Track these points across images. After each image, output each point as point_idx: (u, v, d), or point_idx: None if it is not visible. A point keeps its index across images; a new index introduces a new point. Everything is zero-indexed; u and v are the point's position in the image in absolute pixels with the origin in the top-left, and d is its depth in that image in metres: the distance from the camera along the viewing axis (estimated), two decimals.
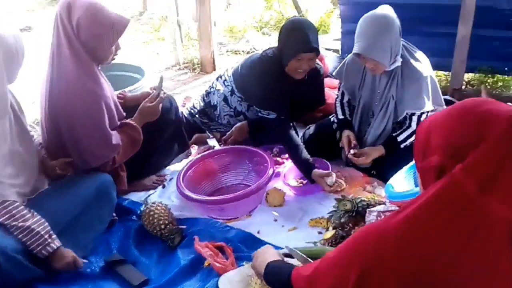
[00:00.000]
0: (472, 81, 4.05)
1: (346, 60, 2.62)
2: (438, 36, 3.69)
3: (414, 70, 2.34)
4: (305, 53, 2.39)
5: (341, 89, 2.70)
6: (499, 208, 0.82)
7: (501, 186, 0.82)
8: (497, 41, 3.61)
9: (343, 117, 2.66)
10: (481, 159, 0.82)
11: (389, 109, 2.43)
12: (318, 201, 2.38)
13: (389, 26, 2.21)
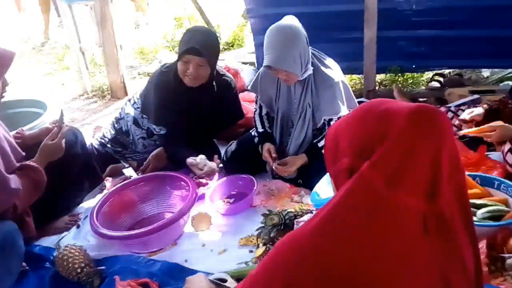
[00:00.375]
0: (385, 81, 4.29)
1: (259, 72, 2.64)
2: (347, 41, 3.86)
3: (326, 77, 2.41)
4: (189, 54, 2.35)
5: (258, 102, 2.72)
6: (409, 200, 0.84)
7: (407, 179, 0.84)
8: (402, 41, 3.86)
9: (263, 130, 2.67)
10: (386, 154, 0.85)
11: (307, 117, 2.48)
12: (247, 219, 2.35)
13: (295, 36, 2.27)
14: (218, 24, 5.89)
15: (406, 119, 0.86)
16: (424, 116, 0.86)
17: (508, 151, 2.33)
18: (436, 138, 0.86)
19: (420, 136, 0.85)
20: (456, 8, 3.53)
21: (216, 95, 2.62)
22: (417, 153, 0.84)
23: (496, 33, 3.46)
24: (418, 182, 0.85)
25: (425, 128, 0.86)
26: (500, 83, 3.98)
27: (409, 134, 0.85)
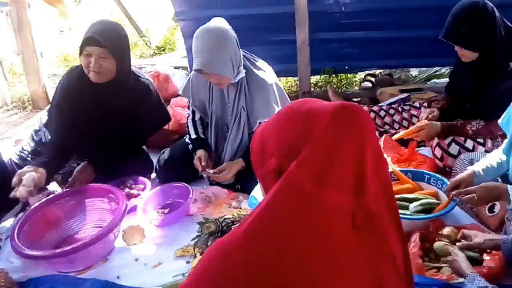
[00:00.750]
0: (320, 83, 4.41)
1: (190, 76, 2.62)
2: (281, 44, 3.94)
3: (259, 79, 2.43)
4: (89, 45, 2.23)
5: (190, 107, 2.69)
6: (337, 198, 0.86)
7: (334, 177, 0.87)
8: (334, 43, 3.98)
9: (196, 136, 2.64)
10: (312, 153, 0.87)
11: (242, 121, 2.49)
12: (183, 228, 2.30)
13: (225, 38, 2.26)
14: (147, 29, 5.79)
15: (329, 118, 0.88)
16: (346, 114, 0.89)
17: (436, 145, 2.48)
18: (358, 135, 0.89)
19: (343, 133, 0.88)
20: (383, 10, 3.71)
21: (133, 98, 2.50)
22: (341, 151, 0.87)
23: (422, 34, 3.65)
24: (344, 179, 0.87)
25: (347, 126, 0.88)
26: (427, 81, 4.24)
27: (333, 132, 0.87)
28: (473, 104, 2.51)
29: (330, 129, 0.87)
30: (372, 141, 0.92)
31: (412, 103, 3.26)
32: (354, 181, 0.88)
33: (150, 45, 5.75)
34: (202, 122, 2.70)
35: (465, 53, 2.38)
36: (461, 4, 2.35)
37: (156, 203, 2.50)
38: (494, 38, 2.29)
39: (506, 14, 2.45)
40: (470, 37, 2.32)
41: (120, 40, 2.37)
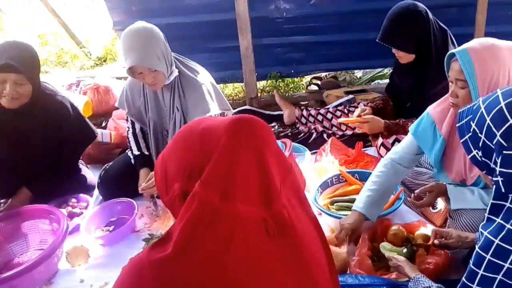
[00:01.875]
0: (267, 87, 4.42)
1: (124, 87, 2.57)
2: (225, 50, 3.91)
3: (192, 79, 2.40)
4: (4, 72, 2.14)
5: (128, 118, 2.62)
6: (246, 209, 0.88)
7: (239, 189, 0.88)
8: (278, 48, 3.99)
9: (139, 153, 2.57)
10: (214, 170, 0.88)
11: (177, 122, 2.43)
12: (129, 246, 2.22)
13: (153, 35, 2.24)
14: (87, 40, 5.63)
15: (225, 133, 0.90)
16: (241, 127, 0.92)
17: (381, 145, 2.54)
18: (256, 146, 0.91)
19: (240, 146, 0.89)
20: (324, 15, 3.76)
21: (48, 116, 2.40)
22: (242, 163, 0.89)
23: (362, 37, 3.72)
24: (250, 190, 0.89)
25: (243, 138, 0.90)
26: (371, 82, 4.35)
27: (230, 147, 0.89)
28: (413, 104, 2.59)
29: (228, 143, 0.89)
30: (272, 149, 0.95)
31: (357, 105, 3.33)
32: (261, 191, 0.90)
33: (91, 56, 5.59)
34: (144, 133, 2.63)
35: (402, 55, 2.48)
36: (395, 8, 2.45)
37: (100, 221, 2.41)
38: (429, 39, 2.39)
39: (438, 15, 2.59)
40: (405, 40, 2.42)
41: (34, 62, 2.29)
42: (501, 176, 1.08)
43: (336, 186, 2.35)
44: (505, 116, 1.06)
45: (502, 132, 1.06)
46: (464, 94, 1.66)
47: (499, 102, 1.08)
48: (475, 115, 1.14)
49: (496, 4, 3.60)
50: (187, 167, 0.92)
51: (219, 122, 0.94)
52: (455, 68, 1.67)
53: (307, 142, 3.21)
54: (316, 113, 3.38)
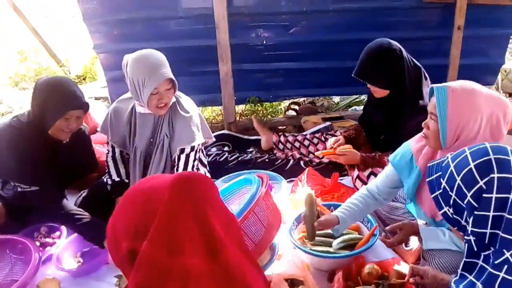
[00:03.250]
0: (246, 111, 4.41)
1: (109, 112, 2.53)
2: (206, 74, 3.89)
3: (182, 108, 2.44)
4: (74, 110, 2.26)
5: (110, 143, 2.57)
6: (193, 262, 0.91)
7: (184, 245, 0.92)
8: (258, 73, 4.00)
9: (118, 180, 2.53)
10: (159, 228, 0.90)
11: (164, 149, 2.43)
12: (101, 279, 2.17)
13: (162, 56, 2.34)
14: (66, 58, 5.54)
15: (168, 192, 0.94)
16: (183, 184, 0.96)
17: (356, 178, 2.54)
18: (198, 202, 0.96)
19: (183, 203, 0.94)
20: (303, 43, 3.81)
21: (72, 144, 2.46)
22: (184, 220, 0.93)
23: (340, 64, 3.76)
24: (195, 245, 0.93)
25: (185, 195, 0.95)
26: (348, 108, 4.38)
27: (173, 204, 0.93)
28: (386, 136, 2.62)
29: (170, 201, 0.93)
30: (216, 204, 1.01)
31: (334, 132, 3.35)
32: (206, 244, 0.94)
33: (70, 75, 5.51)
34: (123, 159, 2.59)
35: (376, 90, 2.51)
36: (371, 45, 2.49)
37: (73, 251, 2.34)
38: (402, 76, 2.43)
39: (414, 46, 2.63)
40: (380, 76, 2.46)
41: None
42: (473, 235, 1.09)
43: None
44: (475, 178, 1.09)
45: (473, 193, 1.08)
46: (434, 127, 1.70)
47: (468, 163, 1.11)
48: (445, 173, 1.16)
49: (470, 38, 3.69)
50: (132, 225, 0.94)
51: (163, 180, 0.98)
52: (432, 102, 1.71)
53: (284, 169, 3.19)
54: (293, 139, 3.38)
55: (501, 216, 1.07)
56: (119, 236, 0.97)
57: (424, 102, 2.42)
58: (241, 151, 3.58)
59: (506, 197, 1.07)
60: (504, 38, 3.88)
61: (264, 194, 1.80)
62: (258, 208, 1.74)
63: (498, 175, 1.08)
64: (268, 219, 1.81)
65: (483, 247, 1.10)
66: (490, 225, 1.08)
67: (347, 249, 2.06)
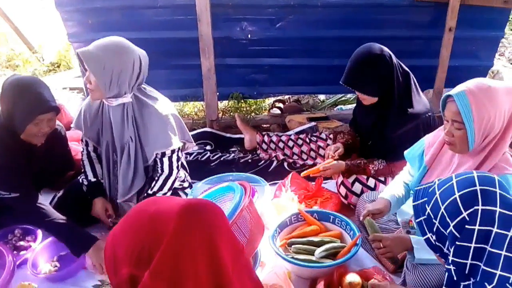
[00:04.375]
0: (228, 108, 4.47)
1: (82, 107, 2.56)
2: (187, 68, 3.93)
3: (153, 110, 2.40)
4: (43, 114, 2.25)
5: (84, 139, 2.60)
6: None
7: (189, 280, 0.90)
8: (242, 68, 4.04)
9: (94, 180, 2.57)
10: (163, 261, 0.89)
11: (131, 153, 2.44)
12: (77, 284, 2.22)
13: (120, 51, 2.27)
14: (40, 45, 5.51)
15: (175, 220, 0.92)
16: (191, 213, 0.94)
17: (341, 184, 2.63)
18: (206, 232, 0.94)
19: (190, 234, 0.92)
20: (289, 39, 3.85)
21: (44, 146, 2.46)
22: (192, 253, 0.91)
23: (327, 62, 3.86)
24: (200, 280, 0.91)
25: (193, 225, 0.93)
26: (334, 107, 4.48)
27: (180, 234, 0.91)
28: (374, 143, 2.70)
29: (177, 230, 0.91)
30: (224, 233, 0.98)
31: (319, 134, 3.45)
32: (212, 277, 0.92)
33: (44, 62, 5.48)
34: (99, 159, 2.62)
35: (365, 97, 2.57)
36: (360, 51, 2.51)
37: (49, 255, 2.38)
38: (392, 84, 2.48)
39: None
40: (368, 84, 2.50)
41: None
42: (453, 265, 1.15)
43: (295, 225, 2.41)
44: (459, 208, 1.13)
45: (456, 223, 1.13)
46: (460, 135, 1.74)
47: (453, 192, 1.15)
48: (430, 199, 1.21)
49: (460, 39, 3.78)
50: (135, 251, 0.93)
51: (171, 206, 0.95)
52: (452, 109, 1.73)
53: (267, 171, 3.29)
54: (277, 140, 3.46)
55: (483, 248, 1.11)
56: (119, 259, 0.95)
57: (413, 110, 2.50)
58: (223, 150, 3.65)
59: (489, 229, 1.10)
60: (494, 40, 4.00)
61: (247, 205, 1.86)
62: (240, 220, 1.81)
63: (482, 207, 1.11)
64: (251, 230, 1.87)
65: (463, 277, 1.15)
66: (471, 257, 1.12)
67: (329, 258, 2.15)
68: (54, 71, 5.51)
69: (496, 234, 1.11)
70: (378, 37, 2.94)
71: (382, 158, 2.63)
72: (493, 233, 1.11)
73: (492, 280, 1.10)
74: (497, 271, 1.10)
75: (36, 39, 5.63)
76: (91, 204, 2.55)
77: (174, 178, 2.52)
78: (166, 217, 0.94)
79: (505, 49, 5.89)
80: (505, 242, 1.10)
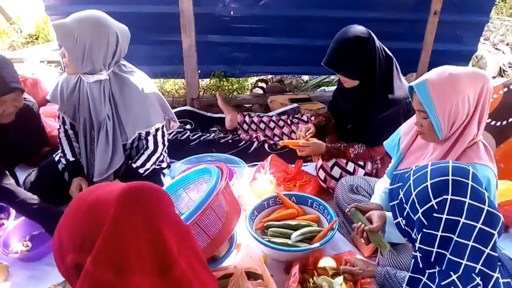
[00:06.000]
0: (210, 86, 4.42)
1: (59, 79, 2.50)
2: (167, 44, 3.88)
3: (135, 88, 2.35)
4: (5, 95, 2.21)
5: (60, 115, 2.53)
6: (143, 281, 0.91)
7: (134, 263, 0.91)
8: (224, 46, 4.01)
9: (73, 160, 2.52)
10: (104, 245, 0.90)
11: (109, 132, 2.39)
12: (51, 264, 2.14)
13: (95, 26, 2.19)
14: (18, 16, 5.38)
15: (114, 204, 0.92)
16: (131, 197, 0.94)
17: (320, 167, 2.64)
18: (147, 215, 0.94)
19: (131, 218, 0.92)
20: (273, 17, 3.82)
21: (15, 123, 2.41)
22: (132, 237, 0.91)
23: (310, 43, 3.84)
24: (145, 261, 0.92)
25: (133, 209, 0.93)
26: (317, 88, 4.46)
27: (120, 219, 0.91)
28: (354, 126, 2.69)
29: (116, 215, 0.91)
30: (166, 215, 0.98)
31: (300, 116, 3.43)
32: (156, 261, 0.93)
33: (21, 33, 5.36)
34: (76, 135, 2.57)
35: (346, 80, 2.55)
36: (342, 34, 2.48)
37: (21, 234, 2.37)
38: (373, 68, 2.47)
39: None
40: (350, 67, 2.49)
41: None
42: (419, 252, 1.18)
43: (273, 208, 2.42)
44: (428, 196, 1.16)
45: (424, 210, 1.16)
46: (427, 124, 1.76)
47: (426, 180, 1.17)
48: (404, 184, 1.23)
49: (445, 23, 3.78)
50: (78, 238, 0.93)
51: (110, 192, 0.95)
52: (416, 100, 1.76)
53: (248, 152, 3.29)
54: (258, 120, 3.44)
55: (449, 237, 1.13)
56: (64, 247, 0.96)
57: (393, 95, 2.49)
58: (204, 129, 3.63)
59: (457, 220, 1.13)
60: (479, 26, 4.01)
61: (223, 188, 1.85)
62: (216, 203, 1.80)
63: (451, 197, 1.14)
64: (227, 214, 1.87)
65: (429, 265, 1.17)
66: (437, 245, 1.15)
67: (305, 242, 2.17)
68: (32, 43, 5.39)
69: (464, 224, 1.13)
70: (363, 19, 2.92)
71: (362, 142, 2.63)
72: (461, 223, 1.13)
73: (457, 269, 1.12)
74: (463, 261, 1.12)
75: (14, 10, 5.48)
76: (66, 184, 2.50)
77: (159, 154, 2.52)
78: (106, 203, 0.93)
79: (490, 34, 5.90)
80: (473, 233, 1.12)
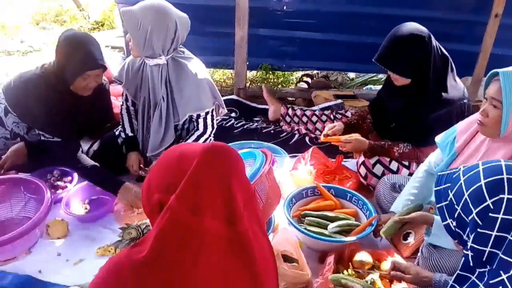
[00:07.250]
0: (256, 79, 4.55)
1: (127, 60, 2.71)
2: (219, 36, 4.04)
3: (190, 73, 2.53)
4: (92, 70, 2.39)
5: (123, 92, 2.74)
6: (213, 225, 1.05)
7: (207, 208, 1.05)
8: (274, 40, 4.12)
9: (132, 135, 2.72)
10: (186, 188, 1.05)
11: (162, 112, 2.58)
12: (106, 227, 2.39)
13: (158, 15, 2.39)
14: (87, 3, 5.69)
15: (199, 157, 1.08)
16: (212, 153, 1.10)
17: (361, 164, 2.63)
18: (224, 171, 1.09)
19: (210, 169, 1.08)
20: (325, 13, 3.89)
21: (92, 98, 2.60)
22: (210, 186, 1.07)
23: (360, 40, 3.88)
24: (216, 210, 1.07)
25: (213, 163, 1.09)
26: (364, 86, 4.50)
27: (202, 170, 1.07)
28: (399, 126, 2.62)
29: (199, 166, 1.07)
30: (240, 178, 1.13)
31: (344, 112, 3.44)
32: (226, 210, 1.07)
33: (89, 20, 5.70)
34: (136, 113, 2.77)
35: (397, 78, 2.47)
36: (397, 30, 2.41)
37: (81, 197, 2.56)
38: (427, 67, 2.38)
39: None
40: (402, 65, 2.41)
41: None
42: (471, 251, 1.17)
43: (311, 198, 2.46)
44: (484, 196, 1.13)
45: (479, 210, 1.13)
46: (495, 114, 1.70)
47: (479, 179, 1.15)
48: (454, 185, 1.21)
49: (506, 27, 3.64)
50: (165, 181, 1.10)
51: (195, 147, 1.12)
52: (494, 87, 1.68)
53: (288, 143, 3.36)
54: (301, 113, 3.52)
55: (504, 237, 1.11)
56: (152, 189, 1.12)
57: (447, 95, 2.39)
58: (247, 119, 3.75)
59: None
60: None
61: (266, 172, 1.92)
62: (259, 185, 1.88)
63: (508, 196, 1.10)
64: (268, 196, 1.94)
65: (480, 264, 1.16)
66: (491, 245, 1.12)
67: (341, 234, 2.18)
68: (98, 30, 5.72)
69: None
70: (419, 17, 2.80)
71: (408, 142, 2.57)
72: None
73: (508, 269, 1.10)
74: None
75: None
76: (124, 156, 2.70)
77: (207, 135, 2.69)
78: (191, 155, 1.09)
79: None
80: None
